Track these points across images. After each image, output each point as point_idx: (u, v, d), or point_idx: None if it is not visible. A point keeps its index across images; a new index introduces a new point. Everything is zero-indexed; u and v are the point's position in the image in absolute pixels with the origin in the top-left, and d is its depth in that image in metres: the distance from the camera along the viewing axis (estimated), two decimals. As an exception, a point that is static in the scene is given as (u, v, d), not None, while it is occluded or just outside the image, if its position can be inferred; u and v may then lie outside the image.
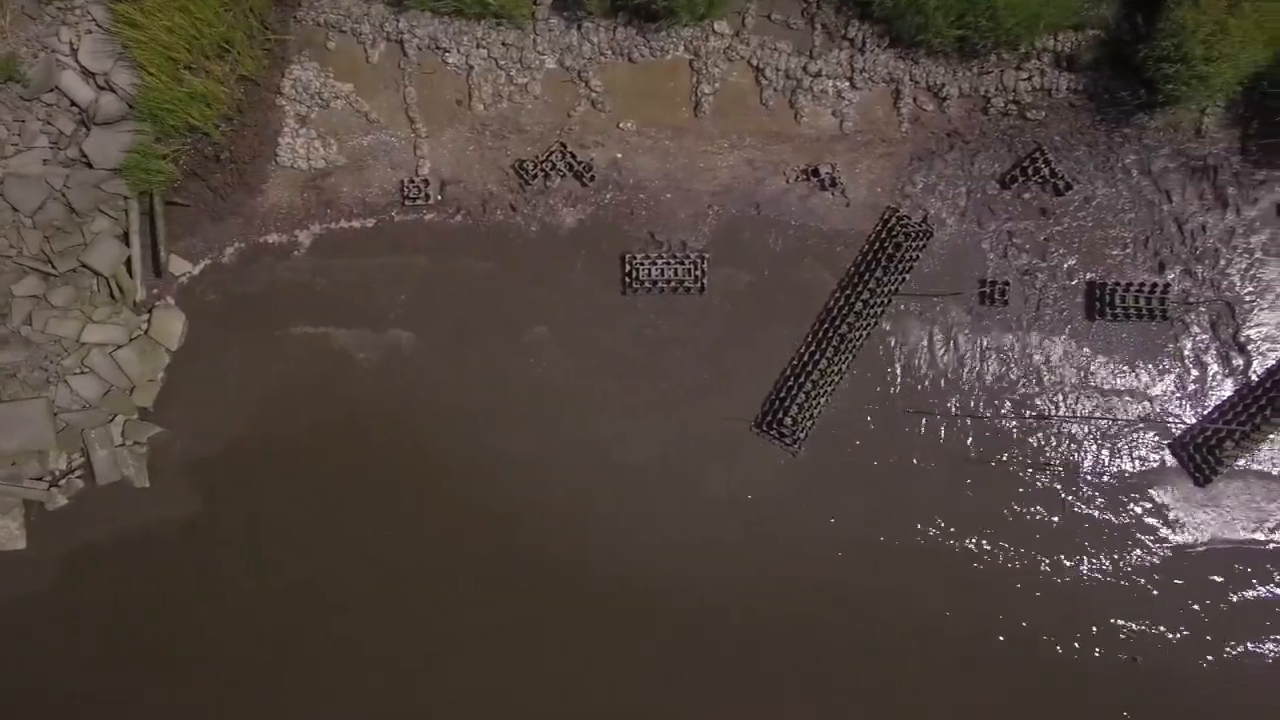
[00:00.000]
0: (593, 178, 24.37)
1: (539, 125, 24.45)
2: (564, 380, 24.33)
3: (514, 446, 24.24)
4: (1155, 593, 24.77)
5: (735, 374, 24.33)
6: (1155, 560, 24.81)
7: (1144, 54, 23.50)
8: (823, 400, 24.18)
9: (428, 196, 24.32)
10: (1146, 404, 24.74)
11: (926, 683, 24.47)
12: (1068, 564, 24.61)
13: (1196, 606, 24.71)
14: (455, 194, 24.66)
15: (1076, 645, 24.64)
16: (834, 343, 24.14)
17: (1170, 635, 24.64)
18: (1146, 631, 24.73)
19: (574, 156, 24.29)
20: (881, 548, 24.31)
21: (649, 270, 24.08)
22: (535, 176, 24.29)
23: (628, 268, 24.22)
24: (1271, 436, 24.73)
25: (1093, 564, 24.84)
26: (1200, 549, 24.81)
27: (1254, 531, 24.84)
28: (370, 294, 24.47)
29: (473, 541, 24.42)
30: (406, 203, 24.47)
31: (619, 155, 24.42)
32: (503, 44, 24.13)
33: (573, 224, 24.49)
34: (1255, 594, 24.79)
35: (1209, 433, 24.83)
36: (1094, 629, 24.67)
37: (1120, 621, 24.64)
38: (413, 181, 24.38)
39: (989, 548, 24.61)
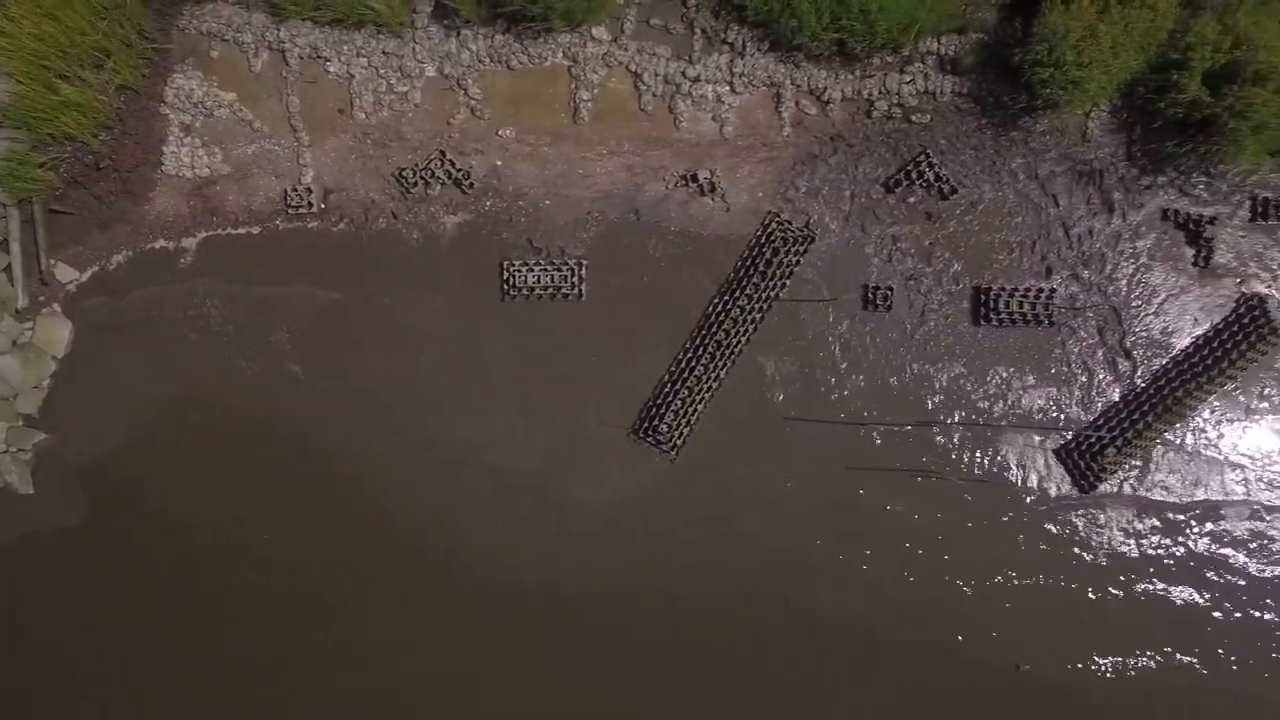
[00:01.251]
0: (472, 185, 24.37)
1: (420, 133, 24.46)
2: (442, 385, 24.16)
3: (391, 450, 24.10)
4: (1040, 600, 24.57)
5: (613, 380, 24.05)
6: (1039, 567, 24.56)
7: (1019, 58, 23.39)
8: (699, 407, 24.09)
9: (311, 205, 24.41)
10: (1032, 410, 24.17)
11: (806, 689, 24.36)
12: (952, 571, 24.15)
13: (1083, 615, 24.51)
14: (338, 202, 24.75)
15: (962, 652, 24.50)
16: (711, 349, 24.10)
17: (1055, 643, 24.46)
18: (1033, 639, 24.54)
19: (453, 164, 24.26)
20: (759, 554, 23.93)
21: (525, 277, 24.08)
22: (416, 184, 24.31)
23: (505, 274, 24.28)
24: (1155, 443, 24.66)
25: (977, 571, 24.58)
26: (1084, 556, 24.65)
27: (1136, 541, 24.46)
28: (254, 300, 24.67)
29: (350, 545, 24.27)
30: (290, 211, 24.62)
31: (499, 162, 24.44)
32: (383, 52, 24.18)
33: (454, 231, 24.39)
34: (1139, 602, 24.52)
35: (1093, 439, 24.59)
36: (978, 635, 24.49)
37: (1005, 629, 24.39)
38: (296, 190, 24.49)
39: (870, 554, 24.12)
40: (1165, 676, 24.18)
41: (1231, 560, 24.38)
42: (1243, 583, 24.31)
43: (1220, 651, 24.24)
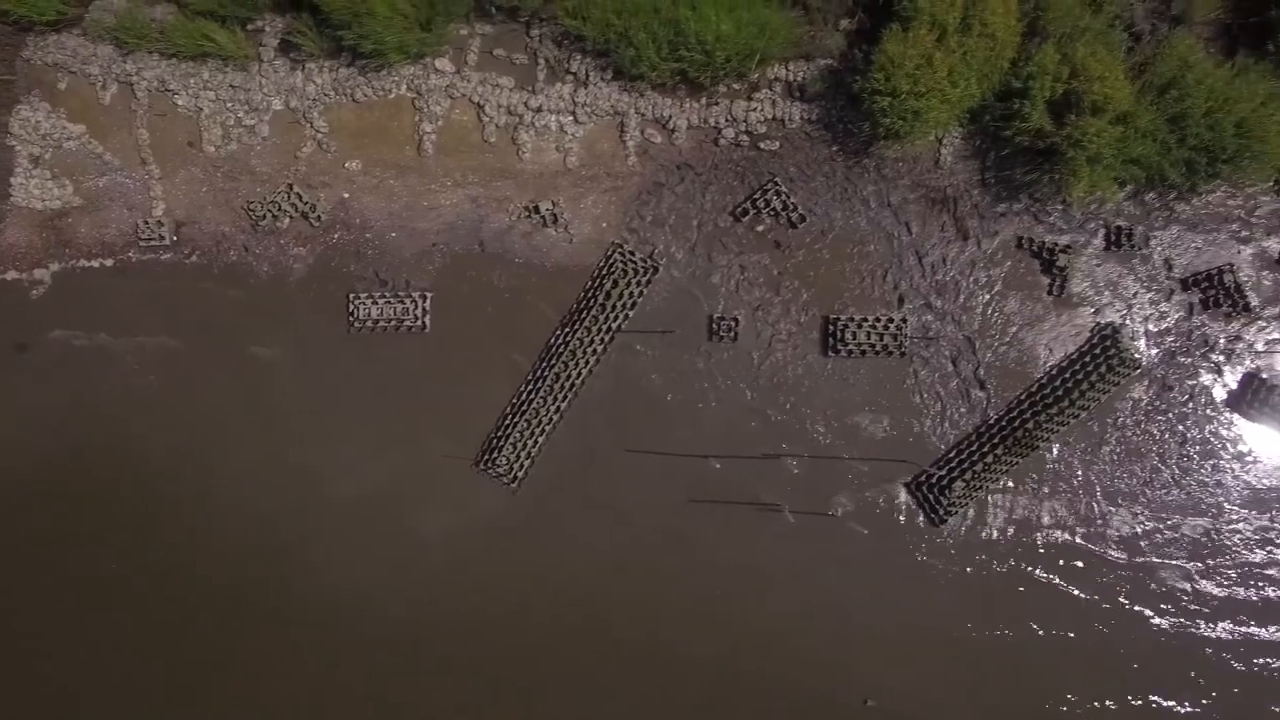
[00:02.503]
0: (319, 218, 24.36)
1: (268, 166, 24.32)
2: (288, 414, 24.00)
3: (237, 478, 24.04)
4: (890, 634, 24.24)
5: (458, 411, 23.76)
6: (888, 601, 24.17)
7: (859, 86, 23.10)
8: (540, 438, 24.00)
9: (163, 237, 24.40)
10: (883, 442, 23.64)
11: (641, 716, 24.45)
12: (799, 604, 23.74)
13: (934, 648, 24.16)
14: (190, 234, 24.77)
15: (809, 683, 24.21)
16: (551, 381, 24.03)
17: (905, 677, 24.12)
18: (882, 673, 24.23)
19: (301, 197, 24.19)
20: (600, 584, 23.65)
21: (370, 309, 24.09)
22: (265, 217, 24.32)
23: (351, 307, 24.32)
24: (1005, 475, 24.26)
25: (825, 605, 24.21)
26: (935, 590, 24.33)
27: (981, 576, 23.89)
28: (107, 331, 24.61)
29: (192, 570, 24.22)
30: (143, 243, 24.65)
31: (346, 195, 24.38)
32: (230, 86, 24.16)
33: (303, 263, 24.18)
34: (995, 637, 24.15)
35: (943, 472, 24.29)
36: (826, 670, 24.06)
37: (853, 663, 23.74)
38: (148, 222, 24.50)
39: (714, 587, 23.62)
40: (1011, 706, 24.01)
41: (1066, 589, 23.91)
42: (1072, 610, 23.90)
43: (1065, 679, 23.99)
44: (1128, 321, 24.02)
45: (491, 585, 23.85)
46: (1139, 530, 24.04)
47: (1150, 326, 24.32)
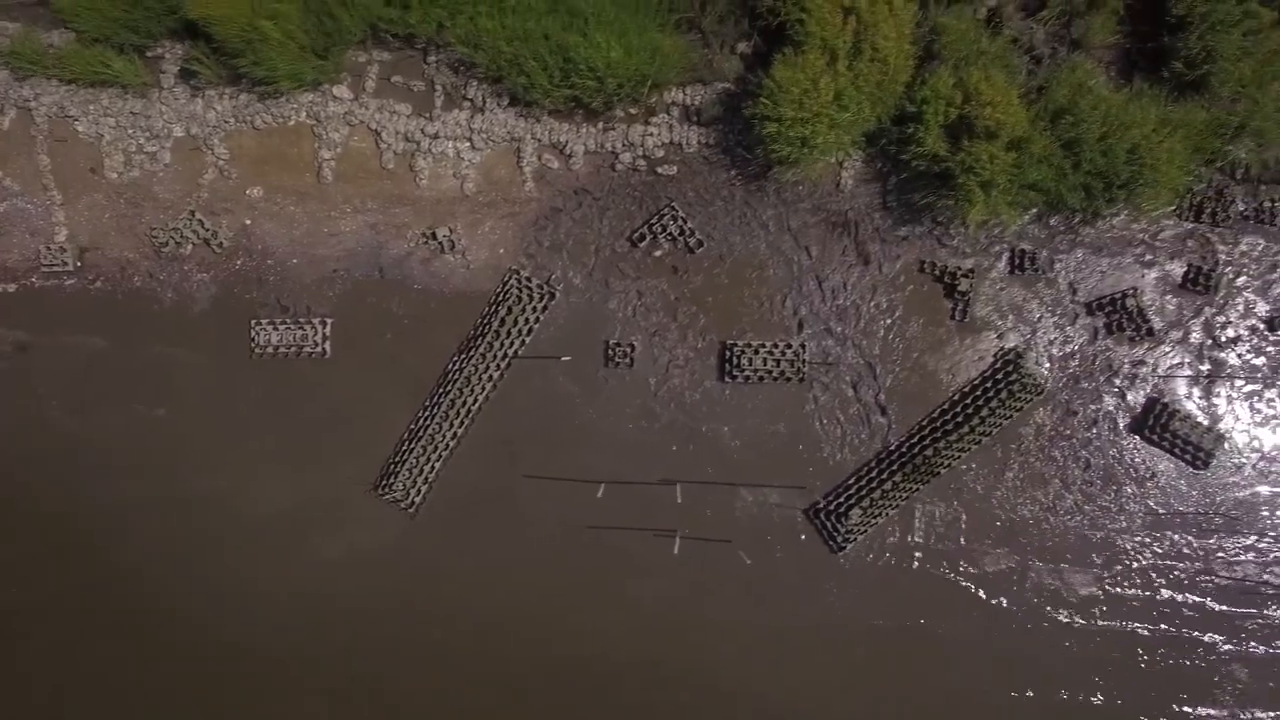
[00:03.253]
0: (222, 244, 24.38)
1: (170, 193, 24.22)
2: (191, 439, 23.96)
3: (139, 501, 24.01)
4: (792, 665, 24.10)
5: (358, 436, 23.59)
6: (791, 631, 23.69)
7: (749, 111, 22.99)
8: (437, 464, 23.99)
9: (67, 263, 24.54)
10: (782, 468, 23.44)
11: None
12: (697, 629, 23.59)
13: (829, 678, 24.12)
14: (94, 260, 24.80)
15: (707, 713, 24.24)
16: (447, 407, 24.01)
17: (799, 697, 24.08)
18: (787, 703, 24.17)
19: (203, 223, 24.20)
20: (494, 609, 23.55)
21: (271, 335, 24.12)
22: (168, 244, 24.36)
23: (253, 333, 24.36)
24: (904, 502, 24.08)
25: (725, 632, 23.97)
26: (833, 620, 24.18)
27: (882, 603, 23.72)
28: (4, 355, 24.65)
29: (90, 593, 24.29)
30: (46, 269, 24.69)
31: (248, 221, 24.38)
32: (130, 113, 24.15)
33: (206, 290, 24.06)
34: (884, 668, 24.05)
35: (840, 499, 24.10)
36: (729, 699, 24.12)
37: (759, 692, 23.66)
38: (50, 248, 24.60)
39: (607, 611, 23.56)
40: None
41: (954, 613, 23.90)
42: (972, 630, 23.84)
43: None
44: (1031, 346, 23.83)
45: (389, 609, 23.78)
46: (1040, 557, 23.91)
47: (1054, 351, 24.08)
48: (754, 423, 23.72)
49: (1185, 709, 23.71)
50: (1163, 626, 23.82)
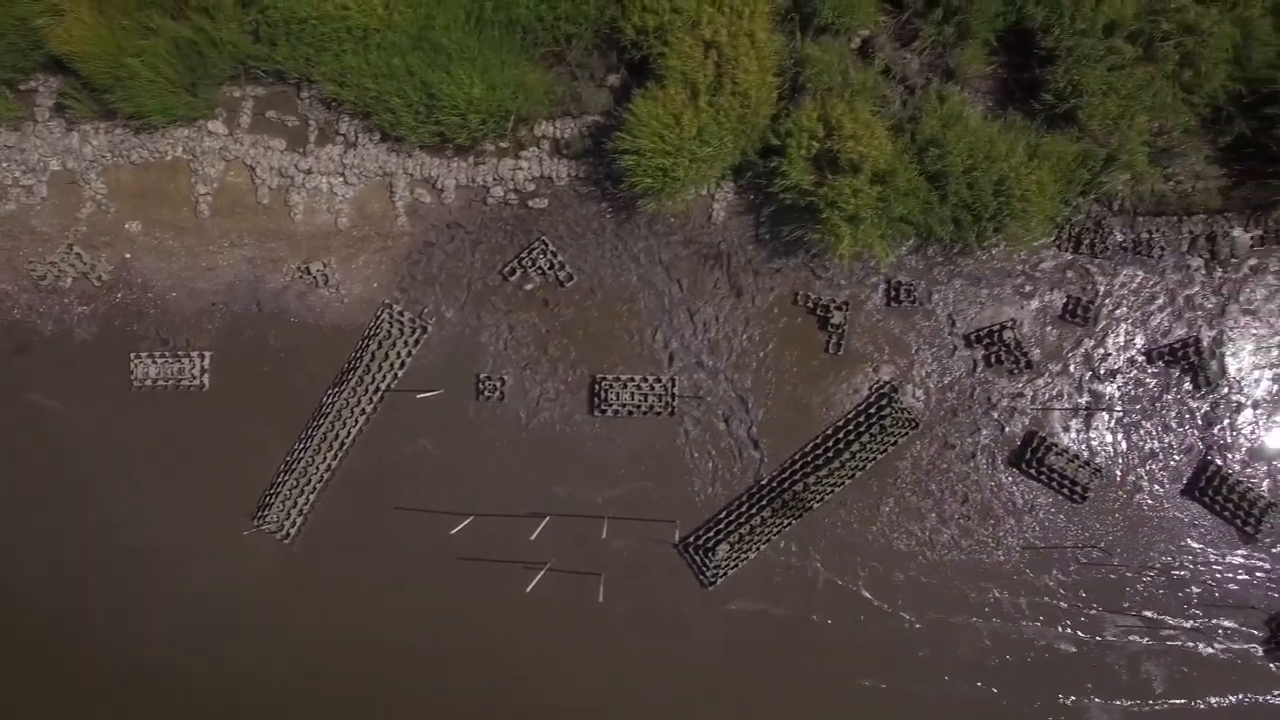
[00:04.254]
0: (100, 278, 24.47)
1: (48, 226, 24.16)
2: (71, 471, 24.02)
3: (17, 533, 24.13)
4: (651, 690, 24.11)
5: (236, 468, 23.54)
6: (662, 667, 23.47)
7: (610, 146, 22.90)
8: (311, 496, 23.97)
9: (-54, 296, 25.05)
10: (652, 501, 23.22)
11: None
12: (571, 662, 23.59)
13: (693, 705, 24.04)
14: (-27, 294, 25.31)
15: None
16: (320, 440, 23.96)
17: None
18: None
19: (81, 257, 24.30)
20: (369, 640, 23.59)
21: (149, 368, 24.18)
22: (45, 277, 24.69)
23: (132, 366, 24.46)
24: (773, 538, 23.84)
25: (602, 666, 23.83)
26: (705, 652, 24.07)
27: (752, 634, 23.59)
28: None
29: None
30: (-75, 301, 25.25)
31: (128, 255, 24.50)
32: (4, 146, 23.99)
33: (86, 323, 24.13)
34: (763, 692, 23.98)
35: (709, 534, 23.86)
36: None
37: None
38: (-72, 282, 25.13)
39: (478, 643, 23.52)
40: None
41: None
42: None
43: None
44: (908, 379, 23.58)
45: (262, 639, 23.81)
46: (917, 590, 23.70)
47: (932, 384, 23.84)
48: (625, 456, 23.59)
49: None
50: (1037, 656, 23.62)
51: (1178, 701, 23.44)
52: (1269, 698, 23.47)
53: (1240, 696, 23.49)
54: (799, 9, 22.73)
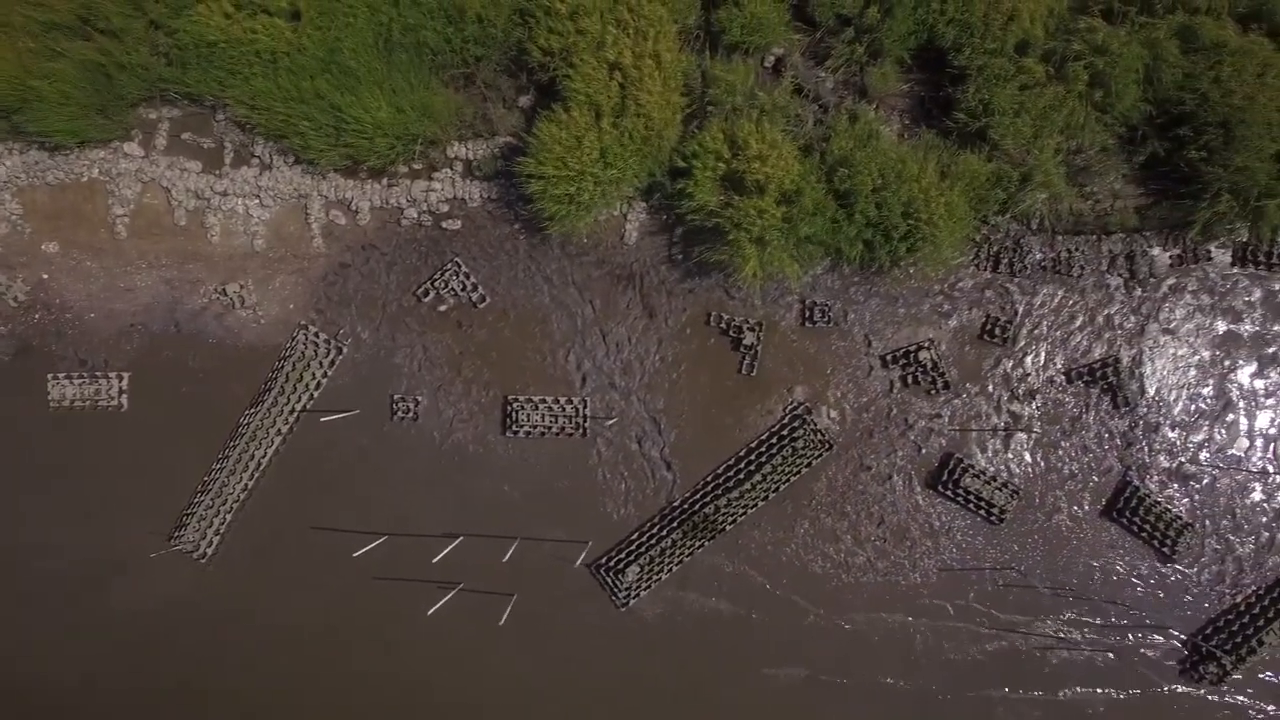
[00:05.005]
0: (17, 299, 24.42)
1: None
2: None
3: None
4: (575, 714, 24.13)
5: (154, 488, 23.58)
6: (573, 685, 23.54)
7: (516, 168, 22.86)
8: (228, 516, 23.98)
9: None
10: (566, 522, 23.13)
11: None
12: (484, 682, 23.63)
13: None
14: (-107, 314, 25.43)
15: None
16: (235, 460, 23.92)
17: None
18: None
19: (-1, 279, 24.85)
20: (289, 656, 23.57)
21: (64, 389, 24.27)
22: (-38, 299, 24.92)
23: (49, 387, 24.55)
24: (685, 560, 23.73)
25: (505, 683, 23.63)
26: (615, 673, 23.99)
27: (667, 653, 23.57)
28: None
29: None
30: None
31: (45, 276, 24.48)
32: (-82, 168, 24.73)
33: (2, 344, 24.07)
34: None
35: (621, 556, 23.53)
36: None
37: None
38: None
39: (392, 663, 23.52)
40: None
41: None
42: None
43: None
44: (823, 400, 23.42)
45: (178, 658, 23.84)
46: (833, 612, 23.59)
47: (847, 405, 23.73)
48: (538, 476, 23.55)
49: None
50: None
51: (1094, 725, 23.29)
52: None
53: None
54: (707, 28, 22.68)
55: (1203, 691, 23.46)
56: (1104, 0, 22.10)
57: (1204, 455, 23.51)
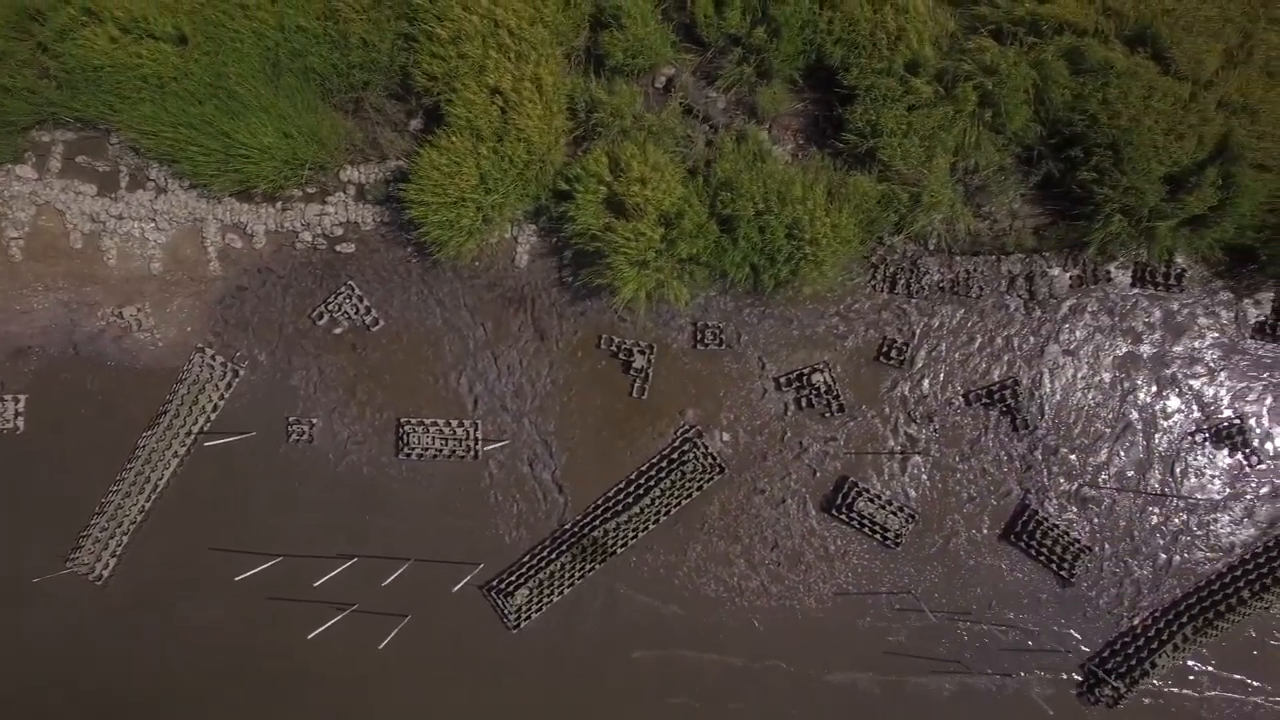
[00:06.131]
0: (-83, 323, 25.14)
1: None
2: None
3: None
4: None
5: (52, 510, 23.75)
6: (453, 701, 23.80)
7: (397, 193, 22.86)
8: (124, 538, 24.05)
9: None
10: (460, 544, 23.16)
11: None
12: (376, 706, 23.79)
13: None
14: None
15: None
16: (130, 483, 23.92)
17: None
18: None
19: (-102, 303, 25.11)
20: (177, 680, 23.77)
21: (-37, 412, 24.79)
22: None
23: (-55, 411, 24.92)
24: (576, 583, 23.60)
25: (384, 712, 24.00)
26: (508, 695, 24.06)
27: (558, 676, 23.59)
28: None
29: None
30: None
31: (-58, 299, 25.12)
32: None
33: None
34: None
35: (511, 578, 23.34)
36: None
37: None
38: None
39: (283, 685, 23.63)
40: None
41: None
42: None
43: None
44: (715, 423, 23.22)
45: (72, 678, 24.14)
46: (727, 635, 23.57)
47: (741, 428, 23.62)
48: (431, 499, 23.59)
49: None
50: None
51: (988, 750, 23.15)
52: (1082, 746, 23.14)
53: (1054, 745, 23.18)
54: (592, 51, 22.59)
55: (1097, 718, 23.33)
56: (994, 21, 21.80)
57: (1103, 478, 23.28)
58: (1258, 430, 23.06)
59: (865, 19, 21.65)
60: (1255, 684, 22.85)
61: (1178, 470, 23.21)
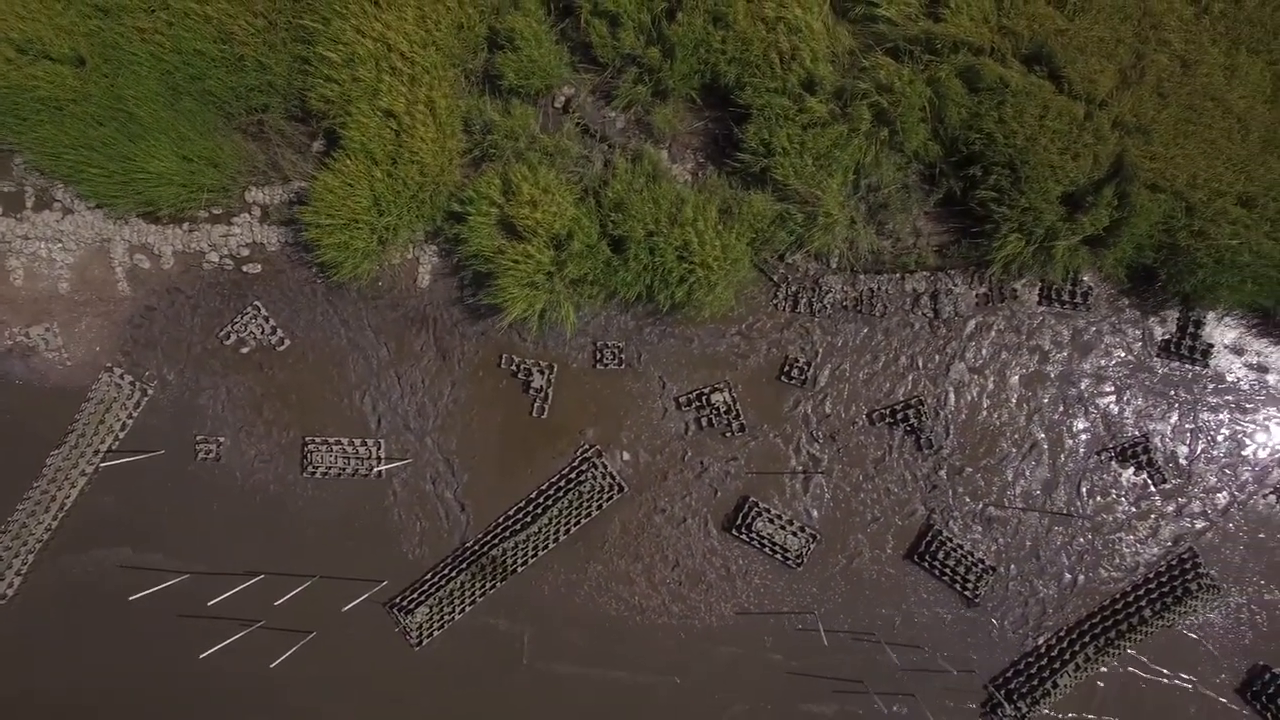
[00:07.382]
0: None
1: None
2: None
3: None
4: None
5: None
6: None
7: (296, 216, 22.99)
8: (30, 558, 24.45)
9: None
10: (368, 562, 23.40)
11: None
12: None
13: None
14: None
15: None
16: (35, 502, 24.02)
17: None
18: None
19: None
20: (80, 697, 24.07)
21: (-123, 432, 25.22)
22: None
23: None
24: (477, 600, 23.65)
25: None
26: (412, 708, 24.31)
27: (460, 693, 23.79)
28: None
29: None
30: None
31: None
32: None
33: None
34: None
35: (413, 596, 23.49)
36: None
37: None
38: None
39: (192, 702, 23.99)
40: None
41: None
42: None
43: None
44: (615, 442, 23.26)
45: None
46: (628, 653, 23.68)
47: (641, 447, 23.63)
48: (336, 516, 23.78)
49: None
50: (748, 728, 23.47)
51: (888, 771, 23.17)
52: (982, 768, 23.11)
53: (955, 766, 23.16)
54: (488, 73, 22.58)
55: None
56: (891, 39, 21.61)
57: (1009, 497, 23.17)
58: (1162, 449, 22.86)
59: (758, 39, 21.49)
60: None
61: (1083, 489, 23.06)
